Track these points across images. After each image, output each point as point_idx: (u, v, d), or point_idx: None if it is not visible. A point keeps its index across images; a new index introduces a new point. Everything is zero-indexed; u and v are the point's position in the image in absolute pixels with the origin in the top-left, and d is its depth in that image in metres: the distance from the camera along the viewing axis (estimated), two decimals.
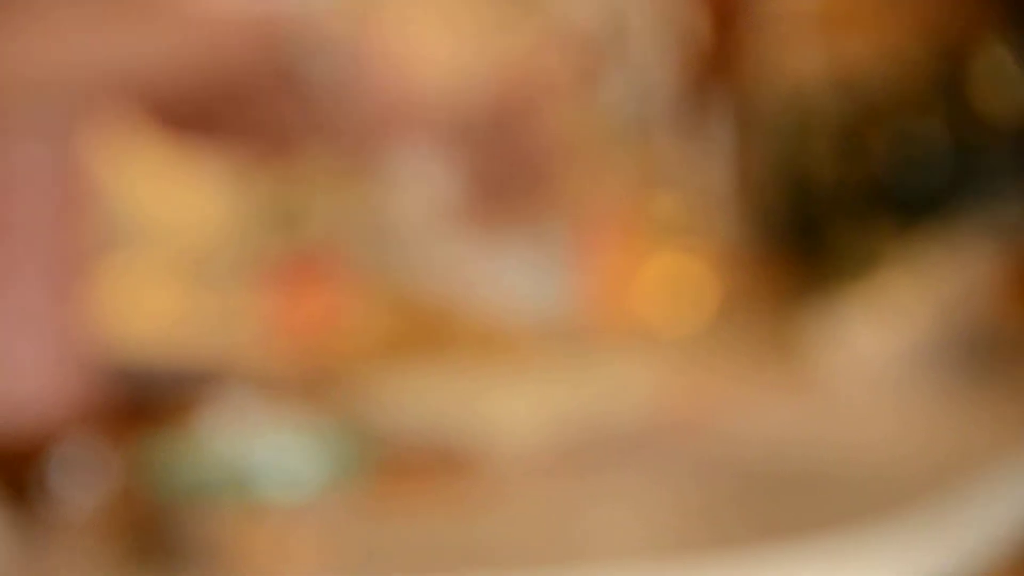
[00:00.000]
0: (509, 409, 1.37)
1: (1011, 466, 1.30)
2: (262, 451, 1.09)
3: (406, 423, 1.35)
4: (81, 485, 1.12)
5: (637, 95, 1.45)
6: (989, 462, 1.33)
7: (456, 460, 1.29)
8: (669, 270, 1.94)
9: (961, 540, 1.20)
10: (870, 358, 1.57)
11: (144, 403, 1.50)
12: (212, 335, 2.05)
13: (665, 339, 1.82)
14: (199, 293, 2.28)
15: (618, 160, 1.49)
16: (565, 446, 1.36)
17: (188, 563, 1.05)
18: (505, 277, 1.60)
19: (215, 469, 1.07)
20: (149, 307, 2.22)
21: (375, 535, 1.12)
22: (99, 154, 1.53)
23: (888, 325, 1.58)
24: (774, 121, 1.88)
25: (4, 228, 1.40)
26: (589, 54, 1.44)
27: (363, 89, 1.35)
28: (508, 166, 1.40)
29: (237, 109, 1.51)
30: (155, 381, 1.87)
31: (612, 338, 1.61)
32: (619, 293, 1.91)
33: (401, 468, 1.26)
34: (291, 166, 1.64)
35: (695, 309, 1.86)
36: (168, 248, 2.39)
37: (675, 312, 1.89)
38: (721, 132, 1.95)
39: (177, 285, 2.33)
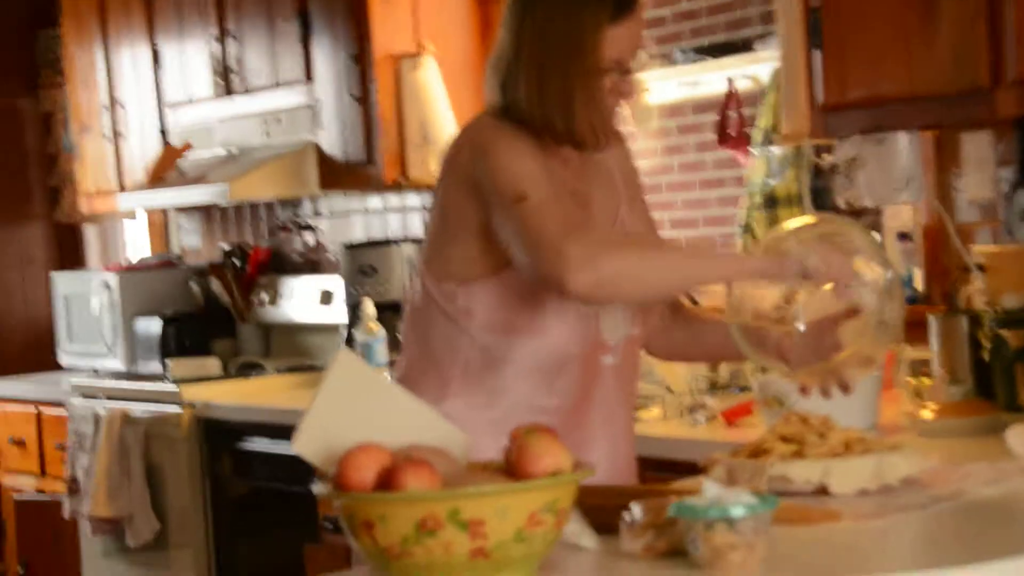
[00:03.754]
0: (848, 478, 1.97)
1: None
2: (730, 499, 1.59)
3: (795, 486, 1.95)
4: (634, 526, 1.64)
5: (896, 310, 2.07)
6: None
7: (819, 508, 1.87)
8: (922, 403, 2.67)
9: None
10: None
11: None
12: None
13: (922, 440, 2.50)
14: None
15: (889, 342, 2.10)
16: (877, 498, 1.96)
17: (698, 559, 1.58)
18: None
19: (710, 505, 1.58)
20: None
21: (785, 547, 1.64)
22: None
23: None
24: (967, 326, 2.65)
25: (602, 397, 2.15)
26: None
27: None
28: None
29: None
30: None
31: (898, 442, 2.12)
32: (898, 416, 2.73)
33: (792, 511, 1.83)
34: None
35: (936, 425, 2.61)
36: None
37: (924, 424, 2.62)
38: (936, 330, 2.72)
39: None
